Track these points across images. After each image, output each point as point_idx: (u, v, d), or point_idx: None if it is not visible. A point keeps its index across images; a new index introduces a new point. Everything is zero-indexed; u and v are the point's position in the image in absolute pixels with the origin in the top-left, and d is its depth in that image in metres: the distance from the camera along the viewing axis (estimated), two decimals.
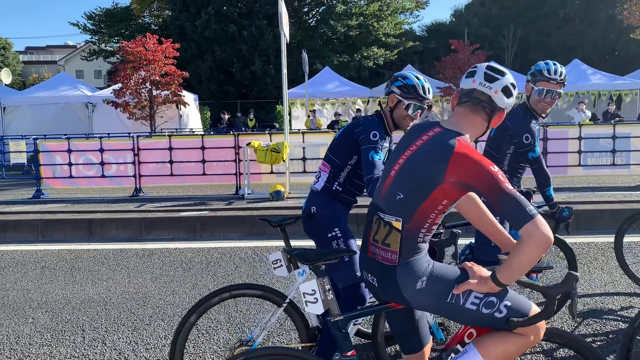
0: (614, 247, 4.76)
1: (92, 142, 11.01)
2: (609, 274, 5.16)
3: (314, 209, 3.20)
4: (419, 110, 3.13)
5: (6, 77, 24.50)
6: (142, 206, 8.62)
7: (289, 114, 20.02)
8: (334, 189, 3.21)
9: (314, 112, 19.49)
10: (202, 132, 20.13)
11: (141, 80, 18.41)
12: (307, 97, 21.06)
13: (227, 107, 27.74)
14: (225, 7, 32.23)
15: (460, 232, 2.70)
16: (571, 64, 21.64)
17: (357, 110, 20.88)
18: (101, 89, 25.12)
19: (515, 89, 2.22)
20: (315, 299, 2.27)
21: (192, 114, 22.21)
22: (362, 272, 2.33)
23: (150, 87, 18.58)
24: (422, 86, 3.10)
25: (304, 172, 9.94)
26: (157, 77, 18.52)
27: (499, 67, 2.22)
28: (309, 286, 2.29)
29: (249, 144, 9.21)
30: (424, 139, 2.15)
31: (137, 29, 33.94)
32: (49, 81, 24.53)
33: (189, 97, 20.96)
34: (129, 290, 5.10)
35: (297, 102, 22.67)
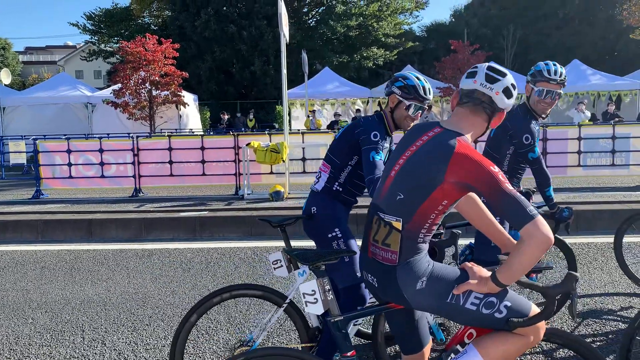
0: (613, 247, 4.76)
1: (92, 142, 11.01)
2: (608, 274, 5.16)
3: (314, 210, 3.20)
4: (420, 110, 3.12)
5: (6, 77, 24.49)
6: (141, 206, 8.62)
7: (289, 114, 20.01)
8: (335, 189, 3.21)
9: (314, 112, 19.48)
10: (201, 133, 20.14)
11: (141, 80, 18.43)
12: (306, 97, 21.06)
13: (226, 107, 27.73)
14: (224, 8, 32.25)
15: (460, 232, 2.70)
16: (571, 65, 21.65)
17: (357, 110, 20.87)
18: (101, 89, 25.14)
19: (515, 89, 2.22)
20: (315, 299, 2.27)
21: (191, 114, 22.23)
22: (362, 273, 2.33)
23: (149, 87, 18.61)
24: (423, 87, 3.10)
25: (304, 172, 9.94)
26: (157, 78, 18.54)
27: (500, 68, 2.22)
28: (308, 286, 2.29)
29: (248, 145, 9.21)
30: (424, 139, 2.15)
31: (136, 29, 33.97)
32: (48, 81, 24.53)
33: (189, 97, 20.98)
34: (129, 290, 5.10)
35: (296, 103, 22.66)
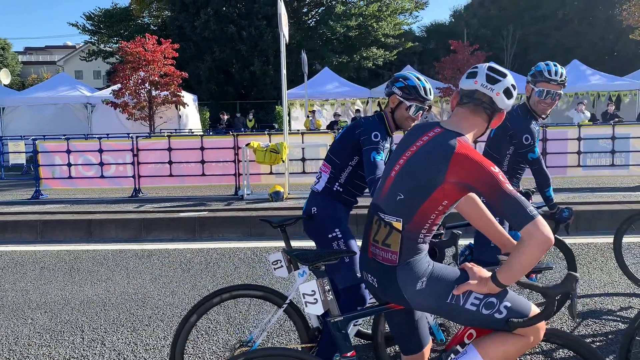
0: (613, 247, 4.76)
1: (91, 142, 11.00)
2: (608, 274, 5.16)
3: (314, 210, 3.20)
4: (421, 111, 3.12)
5: (5, 77, 24.46)
6: (141, 207, 8.61)
7: (288, 114, 20.03)
8: (335, 189, 3.21)
9: (313, 112, 19.47)
10: (201, 133, 20.12)
11: (140, 80, 18.42)
12: (306, 97, 21.05)
13: (226, 107, 27.72)
14: (224, 8, 32.24)
15: (460, 232, 2.69)
16: (570, 65, 21.64)
17: (357, 110, 20.86)
18: (100, 89, 25.11)
19: (515, 90, 2.22)
20: (315, 299, 2.27)
21: (191, 114, 22.22)
22: (362, 273, 2.32)
23: (149, 87, 18.60)
24: (424, 87, 3.10)
25: (303, 172, 9.94)
26: (156, 78, 18.54)
27: (500, 69, 2.22)
28: (308, 287, 2.29)
29: (248, 145, 9.20)
30: (424, 139, 2.14)
31: (136, 30, 33.97)
32: (48, 82, 24.50)
33: (188, 97, 20.97)
34: (128, 291, 5.10)
35: (296, 103, 22.65)
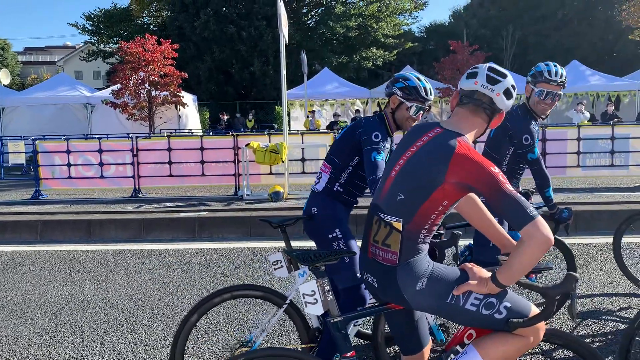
0: (612, 247, 4.77)
1: (91, 142, 11.00)
2: (607, 274, 5.17)
3: (314, 210, 3.20)
4: (421, 111, 3.13)
5: (5, 77, 24.45)
6: (141, 207, 8.61)
7: (288, 114, 20.02)
8: (335, 190, 3.21)
9: (313, 112, 19.48)
10: (201, 133, 20.13)
11: (140, 80, 18.43)
12: (306, 97, 21.05)
13: (226, 107, 27.73)
14: (224, 8, 32.25)
15: (460, 233, 2.69)
16: (570, 65, 21.65)
17: (356, 111, 20.87)
18: (100, 89, 25.11)
19: (515, 90, 2.23)
20: (314, 299, 2.27)
21: (191, 114, 22.22)
22: (362, 273, 2.32)
23: (149, 87, 18.60)
24: (424, 87, 3.10)
25: (303, 172, 9.94)
26: (156, 78, 18.54)
27: (500, 69, 2.22)
28: (308, 287, 2.29)
29: (248, 145, 9.20)
30: (424, 139, 2.15)
31: (136, 30, 33.97)
32: (47, 82, 24.51)
33: (188, 97, 20.98)
34: (128, 291, 5.10)
35: (296, 103, 22.65)
